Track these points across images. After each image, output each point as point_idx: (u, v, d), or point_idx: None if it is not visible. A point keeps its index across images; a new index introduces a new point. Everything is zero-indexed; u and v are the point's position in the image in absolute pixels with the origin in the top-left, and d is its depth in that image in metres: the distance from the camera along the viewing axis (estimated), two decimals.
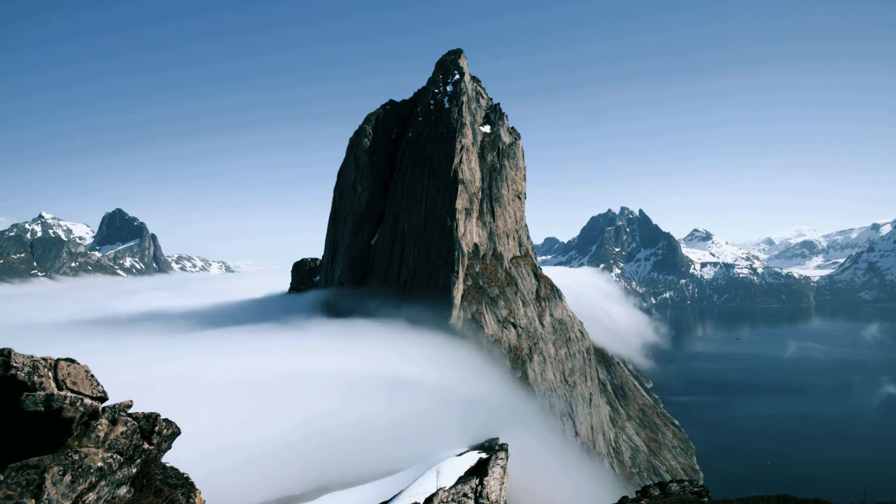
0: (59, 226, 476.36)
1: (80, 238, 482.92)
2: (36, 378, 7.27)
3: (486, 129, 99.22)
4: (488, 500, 15.90)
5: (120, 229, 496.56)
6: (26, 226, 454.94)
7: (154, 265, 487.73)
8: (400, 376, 63.57)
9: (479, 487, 16.07)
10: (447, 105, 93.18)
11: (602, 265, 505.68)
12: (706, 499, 18.79)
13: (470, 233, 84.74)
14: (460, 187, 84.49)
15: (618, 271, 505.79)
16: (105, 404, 8.51)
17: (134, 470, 8.47)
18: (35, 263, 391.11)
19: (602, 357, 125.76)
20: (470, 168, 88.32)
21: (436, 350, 70.84)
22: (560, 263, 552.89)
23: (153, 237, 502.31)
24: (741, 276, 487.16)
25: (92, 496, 7.39)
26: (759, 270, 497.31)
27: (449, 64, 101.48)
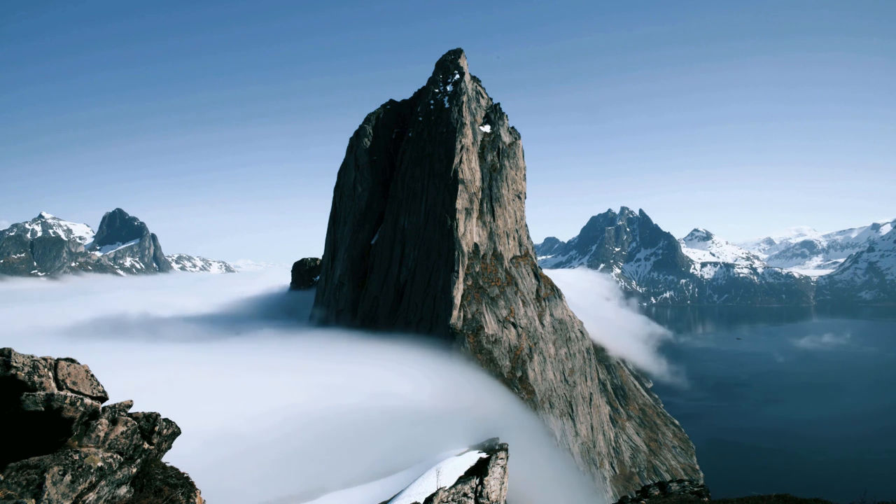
0: (59, 226, 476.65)
1: (80, 238, 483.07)
2: (36, 378, 7.26)
3: (487, 128, 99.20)
4: (488, 499, 15.89)
5: (120, 229, 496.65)
6: (26, 226, 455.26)
7: (154, 265, 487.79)
8: (399, 379, 63.58)
9: (480, 487, 16.06)
10: (447, 105, 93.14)
11: (602, 265, 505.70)
12: (706, 498, 18.78)
13: (470, 233, 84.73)
14: (460, 187, 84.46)
15: (618, 271, 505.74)
16: (105, 404, 8.50)
17: (134, 470, 8.46)
18: (35, 263, 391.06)
19: (602, 357, 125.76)
20: (470, 168, 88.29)
21: (433, 359, 70.25)
22: (560, 263, 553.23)
23: (153, 237, 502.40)
24: (741, 275, 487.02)
25: (92, 496, 7.39)
26: (760, 270, 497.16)
27: (449, 64, 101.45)
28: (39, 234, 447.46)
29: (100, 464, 7.60)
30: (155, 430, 9.04)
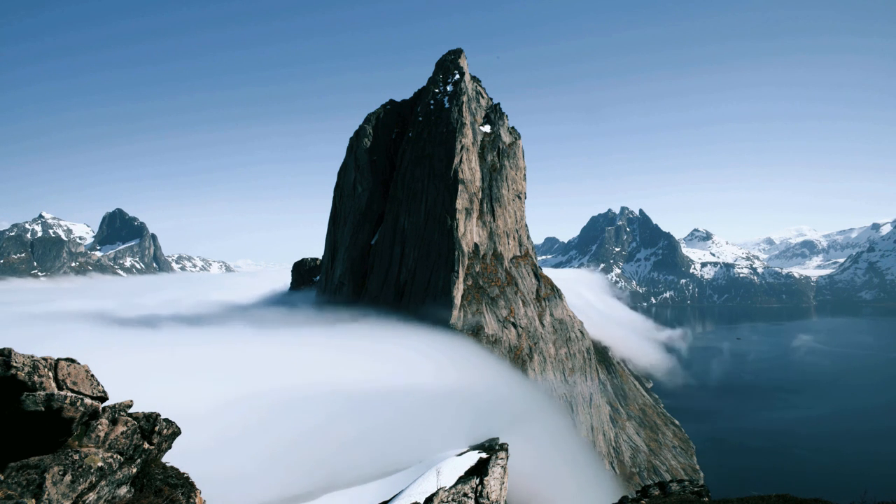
0: (60, 226, 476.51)
1: (81, 238, 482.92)
2: (36, 378, 7.26)
3: (487, 128, 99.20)
4: (489, 499, 15.88)
5: (120, 229, 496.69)
6: (26, 226, 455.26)
7: (154, 265, 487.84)
8: (400, 376, 63.56)
9: (480, 487, 16.06)
10: (447, 105, 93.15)
11: (602, 265, 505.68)
12: (706, 499, 18.77)
13: (470, 233, 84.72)
14: (460, 187, 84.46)
15: (618, 271, 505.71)
16: (105, 404, 8.50)
17: (134, 470, 8.46)
18: (35, 263, 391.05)
19: (602, 357, 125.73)
20: (470, 168, 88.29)
21: (436, 349, 70.83)
22: (560, 263, 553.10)
23: (153, 237, 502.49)
24: (741, 275, 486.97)
25: (92, 496, 7.39)
26: (760, 270, 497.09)
27: (449, 64, 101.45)
28: (39, 234, 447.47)
29: (100, 464, 7.60)
30: (155, 430, 9.04)
